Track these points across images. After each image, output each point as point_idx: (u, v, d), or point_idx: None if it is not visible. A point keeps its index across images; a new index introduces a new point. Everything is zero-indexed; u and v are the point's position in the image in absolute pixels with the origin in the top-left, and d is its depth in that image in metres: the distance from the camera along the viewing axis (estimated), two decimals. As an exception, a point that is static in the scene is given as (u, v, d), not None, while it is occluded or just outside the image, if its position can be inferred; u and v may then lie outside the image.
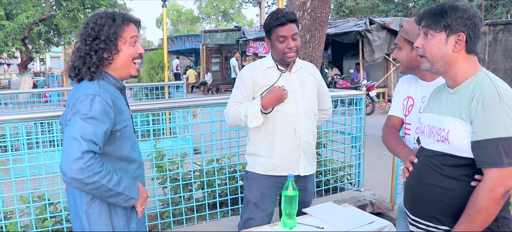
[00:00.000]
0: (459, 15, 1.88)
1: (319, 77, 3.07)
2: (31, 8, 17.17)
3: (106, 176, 1.94)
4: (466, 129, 1.85)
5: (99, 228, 2.12)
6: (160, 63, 9.49)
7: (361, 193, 4.70)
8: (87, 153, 1.88)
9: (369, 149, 4.62)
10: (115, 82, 2.18)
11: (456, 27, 1.89)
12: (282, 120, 2.85)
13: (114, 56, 2.11)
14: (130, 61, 2.17)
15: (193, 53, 28.86)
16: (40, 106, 9.57)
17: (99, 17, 2.11)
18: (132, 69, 2.20)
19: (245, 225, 2.92)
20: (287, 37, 2.79)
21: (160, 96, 8.79)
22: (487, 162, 1.77)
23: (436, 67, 1.97)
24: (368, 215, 2.73)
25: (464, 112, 1.86)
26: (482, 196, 1.77)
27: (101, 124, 1.96)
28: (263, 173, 2.92)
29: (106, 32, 2.06)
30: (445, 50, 1.92)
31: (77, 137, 1.89)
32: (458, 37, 1.90)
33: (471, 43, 1.90)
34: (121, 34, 2.11)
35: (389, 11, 27.47)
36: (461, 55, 1.92)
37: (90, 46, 2.06)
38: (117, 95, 2.15)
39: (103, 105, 1.98)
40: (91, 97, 1.97)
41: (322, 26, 4.89)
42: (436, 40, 1.94)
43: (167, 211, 3.91)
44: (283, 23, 2.78)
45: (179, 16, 55.80)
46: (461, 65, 1.93)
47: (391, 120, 2.66)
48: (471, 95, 1.85)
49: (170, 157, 4.14)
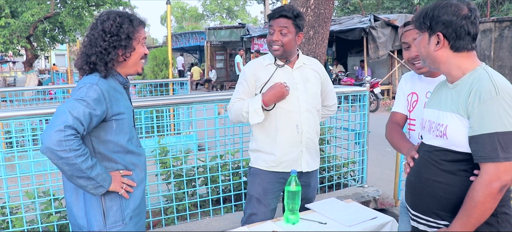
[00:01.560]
0: (437, 15, 1.90)
1: (323, 73, 3.07)
2: (36, 6, 17.24)
3: (81, 156, 1.99)
4: (463, 124, 1.86)
5: (92, 213, 2.19)
6: (164, 60, 9.51)
7: (364, 189, 4.70)
8: (70, 128, 1.95)
9: (373, 146, 4.63)
10: (118, 77, 2.26)
11: (434, 27, 1.92)
12: (284, 117, 2.86)
13: (130, 54, 2.22)
14: (139, 60, 2.29)
15: (198, 50, 28.90)
16: (45, 103, 9.63)
17: (117, 15, 2.19)
18: (139, 67, 2.32)
19: (248, 221, 2.93)
20: (274, 29, 2.82)
21: (164, 93, 8.82)
22: (483, 156, 1.78)
23: (427, 64, 2.03)
24: (371, 211, 2.74)
25: (462, 107, 1.87)
26: (478, 190, 1.78)
27: (91, 109, 2.03)
28: (266, 169, 2.93)
29: (126, 31, 2.16)
30: (429, 49, 1.97)
31: (65, 111, 1.98)
32: (437, 36, 1.92)
33: (455, 42, 1.90)
34: (136, 34, 2.22)
35: (394, 8, 27.41)
36: (447, 53, 1.93)
37: (109, 42, 2.14)
38: (119, 89, 2.23)
39: (98, 93, 2.07)
40: (89, 85, 2.07)
41: (326, 23, 4.89)
42: (422, 40, 2.00)
43: (171, 206, 3.93)
44: (273, 16, 2.84)
45: (184, 14, 55.86)
46: (451, 63, 1.94)
47: (394, 117, 2.66)
48: (469, 90, 1.85)
49: (174, 153, 4.16)
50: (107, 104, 2.11)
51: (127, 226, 2.26)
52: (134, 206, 2.30)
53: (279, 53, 2.85)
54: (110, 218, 2.21)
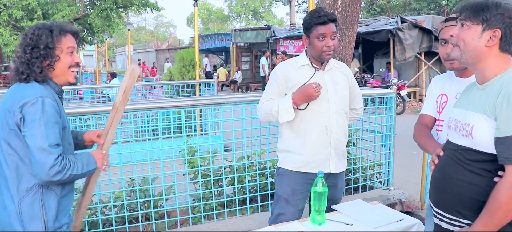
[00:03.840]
0: (499, 12, 1.88)
1: (351, 77, 3.11)
2: (66, 7, 17.64)
3: (74, 167, 2.15)
4: (490, 125, 1.86)
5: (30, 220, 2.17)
6: (191, 61, 9.61)
7: (390, 191, 4.69)
8: (58, 157, 2.07)
9: (399, 148, 4.61)
10: (54, 86, 2.27)
11: (493, 23, 1.89)
12: (313, 118, 2.90)
13: (54, 63, 2.22)
14: (67, 69, 2.28)
15: (223, 51, 29.04)
16: (74, 102, 9.83)
17: (37, 28, 2.24)
18: (70, 76, 2.31)
19: (276, 220, 2.96)
20: (326, 35, 2.84)
21: (191, 94, 8.91)
22: (508, 158, 1.77)
23: (465, 57, 1.98)
24: (397, 213, 2.74)
25: (489, 108, 1.87)
26: (502, 191, 1.78)
27: (56, 125, 2.12)
28: (294, 170, 2.96)
29: (44, 42, 2.18)
30: (478, 42, 1.93)
31: (45, 147, 2.04)
32: (494, 33, 1.90)
33: (506, 42, 1.90)
34: (57, 44, 2.22)
35: (421, 9, 27.08)
36: (493, 51, 1.92)
37: (30, 54, 2.17)
38: (56, 99, 2.24)
39: (53, 105, 2.12)
40: (41, 100, 2.09)
41: (353, 25, 4.90)
42: (472, 31, 1.95)
43: (198, 206, 3.99)
44: (324, 22, 2.84)
45: (210, 15, 56.21)
46: (491, 61, 1.93)
47: (423, 119, 2.66)
48: (498, 91, 1.85)
49: (201, 153, 4.23)
50: (59, 113, 2.18)
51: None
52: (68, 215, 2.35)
53: (330, 57, 2.92)
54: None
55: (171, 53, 34.83)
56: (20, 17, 18.50)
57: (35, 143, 2.04)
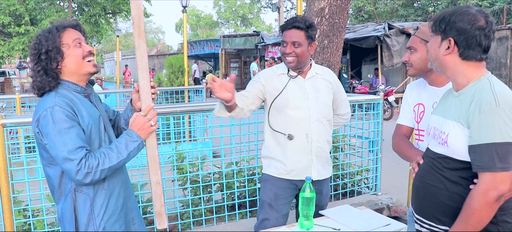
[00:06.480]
0: (453, 20, 1.93)
1: (335, 83, 3.10)
2: (54, 13, 17.55)
3: (106, 159, 2.09)
4: (464, 133, 1.89)
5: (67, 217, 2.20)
6: (180, 68, 9.61)
7: (378, 197, 4.73)
8: (80, 161, 2.02)
9: (387, 154, 4.64)
10: (74, 87, 2.23)
11: (448, 32, 1.94)
12: (294, 126, 2.91)
13: (63, 61, 2.18)
14: (81, 61, 2.22)
15: (212, 57, 29.03)
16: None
17: (38, 35, 2.21)
18: (88, 66, 2.25)
19: (261, 226, 2.98)
20: (287, 42, 2.86)
21: (180, 100, 8.91)
22: (481, 166, 1.81)
23: (434, 66, 2.07)
24: (384, 218, 2.77)
25: (463, 117, 1.90)
26: (475, 199, 1.81)
27: (71, 129, 2.06)
28: (277, 176, 2.99)
29: (45, 45, 2.14)
30: (438, 52, 2.00)
31: (65, 155, 2.02)
32: (449, 41, 1.95)
33: (464, 50, 1.93)
34: (60, 41, 2.18)
35: (409, 15, 27.31)
36: (454, 59, 1.96)
37: (38, 64, 2.15)
38: (76, 99, 2.19)
39: (63, 110, 2.06)
40: (49, 110, 2.06)
41: (340, 32, 4.95)
42: (434, 41, 2.03)
43: (187, 212, 4.00)
44: (286, 27, 2.87)
45: (198, 21, 56.15)
46: (458, 70, 1.97)
47: (400, 129, 2.67)
48: (471, 99, 1.89)
49: (190, 159, 4.23)
50: (73, 115, 2.11)
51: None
52: (108, 216, 2.26)
53: (293, 65, 2.89)
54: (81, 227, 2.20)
55: (160, 59, 34.73)
56: (8, 22, 18.38)
57: (57, 154, 2.04)
